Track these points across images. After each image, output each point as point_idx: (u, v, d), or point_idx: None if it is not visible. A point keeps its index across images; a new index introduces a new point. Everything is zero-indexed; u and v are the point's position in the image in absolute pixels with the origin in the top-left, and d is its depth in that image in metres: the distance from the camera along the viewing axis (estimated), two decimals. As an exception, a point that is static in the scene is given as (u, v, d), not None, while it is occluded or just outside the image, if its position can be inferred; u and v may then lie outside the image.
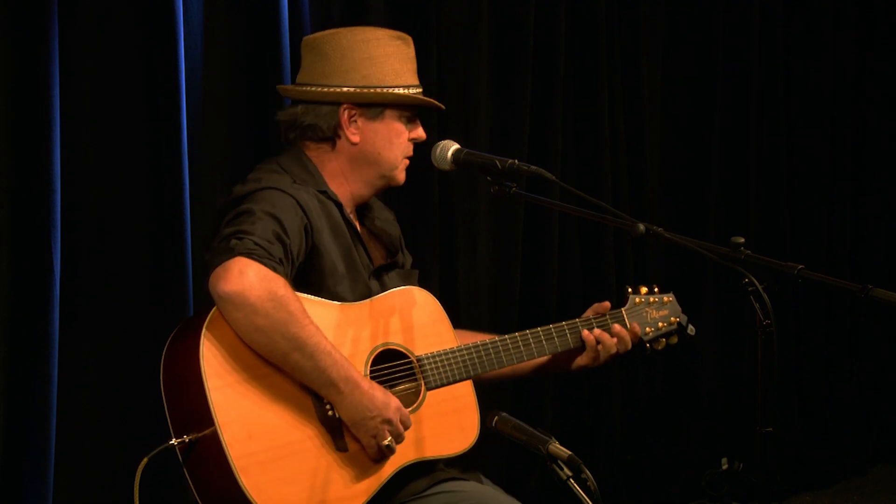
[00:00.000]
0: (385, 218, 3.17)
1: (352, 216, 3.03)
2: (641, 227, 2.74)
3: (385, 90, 2.98)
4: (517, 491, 3.13)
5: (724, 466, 5.05)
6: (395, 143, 3.02)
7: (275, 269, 2.70)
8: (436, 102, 3.06)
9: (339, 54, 2.98)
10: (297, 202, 2.86)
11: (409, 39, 3.06)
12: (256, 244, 2.70)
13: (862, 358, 5.77)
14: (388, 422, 2.80)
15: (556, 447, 2.54)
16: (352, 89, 2.97)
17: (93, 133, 3.46)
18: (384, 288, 3.01)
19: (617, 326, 3.16)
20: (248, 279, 2.65)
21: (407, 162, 3.06)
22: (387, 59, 2.99)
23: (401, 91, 2.99)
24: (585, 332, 3.14)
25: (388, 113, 3.01)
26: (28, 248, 3.29)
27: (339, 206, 2.98)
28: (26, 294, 3.28)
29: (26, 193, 3.28)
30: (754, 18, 5.28)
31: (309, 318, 2.73)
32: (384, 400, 2.80)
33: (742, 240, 2.76)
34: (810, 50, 5.50)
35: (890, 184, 5.73)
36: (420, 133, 3.06)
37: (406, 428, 2.84)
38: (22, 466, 3.29)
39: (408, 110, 3.03)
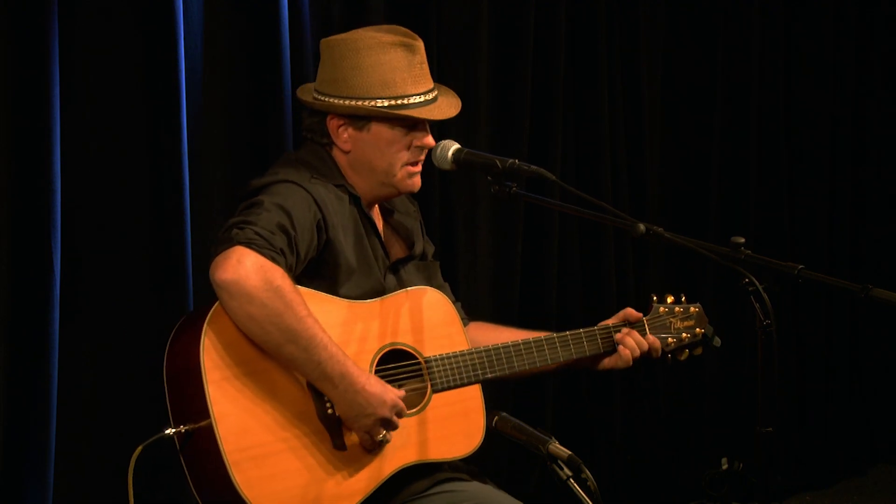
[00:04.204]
0: (404, 210, 3.14)
1: (371, 211, 3.00)
2: (641, 227, 2.74)
3: (365, 103, 2.91)
4: (517, 491, 3.12)
5: (724, 466, 5.05)
6: (387, 152, 2.95)
7: (274, 260, 2.67)
8: (418, 116, 2.93)
9: (332, 63, 2.96)
10: (313, 197, 2.83)
11: (415, 45, 2.97)
12: (257, 234, 2.68)
13: (862, 358, 5.76)
14: (383, 420, 2.78)
15: (556, 447, 2.53)
16: (335, 100, 2.94)
17: (93, 133, 3.46)
18: (401, 282, 2.98)
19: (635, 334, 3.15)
20: (245, 268, 2.63)
21: (411, 168, 2.98)
22: (375, 70, 2.92)
23: (381, 103, 2.91)
24: (621, 336, 3.13)
25: (375, 124, 2.94)
26: (28, 248, 3.28)
27: (356, 199, 2.95)
28: (26, 294, 3.28)
29: (26, 193, 3.28)
30: (754, 18, 5.27)
31: (307, 310, 2.70)
32: (380, 397, 2.76)
33: (742, 240, 2.75)
34: (810, 50, 5.50)
35: (890, 184, 5.73)
36: (425, 141, 2.97)
37: (400, 416, 2.82)
38: (22, 466, 3.29)
39: (403, 119, 2.95)
